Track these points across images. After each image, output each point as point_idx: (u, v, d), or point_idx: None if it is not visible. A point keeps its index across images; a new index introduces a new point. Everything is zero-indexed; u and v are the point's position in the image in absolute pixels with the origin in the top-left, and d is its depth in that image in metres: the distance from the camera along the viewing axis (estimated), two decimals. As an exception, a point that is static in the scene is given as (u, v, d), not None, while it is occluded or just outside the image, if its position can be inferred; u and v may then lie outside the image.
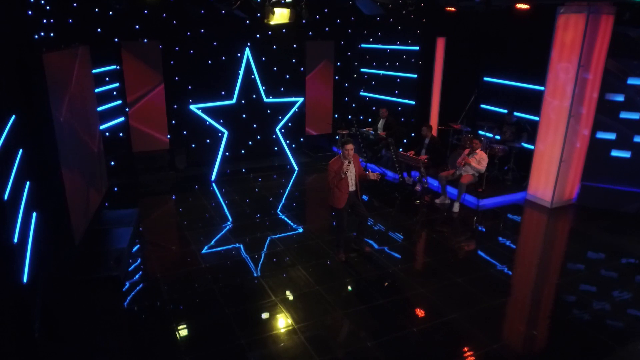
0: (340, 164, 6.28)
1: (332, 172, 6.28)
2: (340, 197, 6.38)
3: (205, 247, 7.08)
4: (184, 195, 9.31)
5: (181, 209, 8.63)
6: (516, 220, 8.50)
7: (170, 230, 7.68)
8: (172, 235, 7.47)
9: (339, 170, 6.25)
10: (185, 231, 7.58)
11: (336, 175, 6.25)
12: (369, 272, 6.43)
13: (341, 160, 6.31)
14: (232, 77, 10.48)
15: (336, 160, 6.35)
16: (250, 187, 9.78)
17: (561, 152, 8.51)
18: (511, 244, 7.52)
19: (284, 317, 5.42)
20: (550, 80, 8.50)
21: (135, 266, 6.54)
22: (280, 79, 11.35)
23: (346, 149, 6.26)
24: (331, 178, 6.28)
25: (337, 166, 6.28)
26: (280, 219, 8.14)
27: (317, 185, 10.18)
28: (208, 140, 10.82)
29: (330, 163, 6.36)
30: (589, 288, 6.10)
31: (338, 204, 6.42)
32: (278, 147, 11.42)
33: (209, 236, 7.46)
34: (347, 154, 6.25)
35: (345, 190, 6.35)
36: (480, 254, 7.07)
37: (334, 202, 6.44)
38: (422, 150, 9.69)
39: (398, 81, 11.54)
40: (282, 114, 10.96)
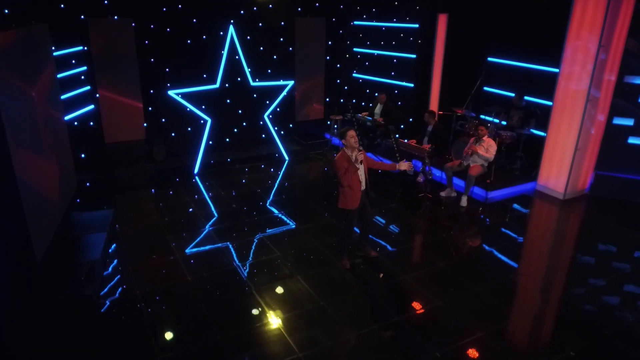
0: (347, 158, 5.49)
1: (342, 169, 5.47)
2: (353, 197, 5.59)
3: (190, 254, 6.25)
4: (164, 191, 8.41)
5: (162, 207, 7.75)
6: (529, 215, 7.86)
7: (150, 234, 6.81)
8: (152, 240, 6.61)
9: (350, 165, 5.45)
10: (167, 235, 6.72)
11: (347, 172, 5.45)
12: (378, 282, 5.70)
13: (347, 154, 5.51)
14: (214, 58, 9.49)
15: (341, 155, 5.54)
16: (237, 180, 8.92)
17: (577, 140, 7.85)
18: (528, 243, 6.89)
19: (286, 343, 4.66)
20: (566, 61, 7.77)
21: (110, 282, 5.69)
22: (267, 60, 10.39)
23: (349, 136, 5.45)
24: (342, 175, 5.47)
25: (347, 162, 5.48)
26: (273, 218, 7.33)
27: (310, 176, 9.38)
28: (189, 129, 9.87)
29: (337, 160, 5.54)
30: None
31: (351, 205, 5.64)
32: (266, 135, 10.54)
33: (194, 241, 6.62)
34: (353, 143, 5.45)
35: (358, 188, 5.57)
36: (497, 255, 6.40)
37: (346, 203, 5.65)
38: (424, 139, 8.94)
39: (395, 62, 10.70)
40: (270, 99, 10.04)
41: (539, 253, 6.62)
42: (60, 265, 5.65)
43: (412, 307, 5.21)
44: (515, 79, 9.27)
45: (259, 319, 5.01)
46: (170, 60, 9.38)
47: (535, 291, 5.63)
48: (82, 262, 5.66)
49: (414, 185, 8.62)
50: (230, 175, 9.15)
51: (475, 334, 4.79)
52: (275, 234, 6.80)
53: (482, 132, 7.83)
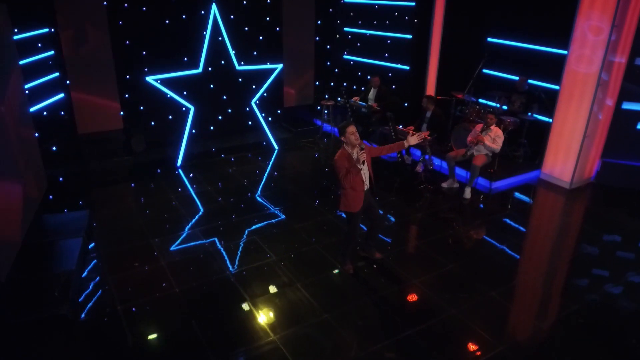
0: (348, 157, 4.94)
1: (342, 169, 4.91)
2: (356, 198, 5.06)
3: (176, 260, 5.67)
4: (145, 187, 7.75)
5: (143, 205, 7.11)
6: (537, 207, 7.46)
7: (131, 237, 6.19)
8: (133, 244, 6.01)
9: (351, 165, 4.91)
10: (150, 238, 6.12)
11: (349, 173, 4.91)
12: (385, 289, 5.23)
13: (347, 152, 4.96)
14: (195, 40, 8.74)
15: (341, 154, 4.98)
16: (224, 173, 8.29)
17: (585, 126, 7.43)
18: (541, 239, 6.49)
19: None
20: (575, 43, 7.28)
21: (88, 296, 5.10)
22: (252, 41, 9.67)
23: (349, 132, 4.88)
24: (342, 176, 4.93)
25: (348, 161, 4.93)
26: (265, 216, 6.77)
27: (303, 167, 8.80)
28: (170, 117, 9.16)
29: (336, 159, 4.97)
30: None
31: (354, 207, 5.10)
32: (253, 122, 9.89)
33: (180, 244, 6.04)
34: (354, 140, 4.89)
35: (360, 189, 5.03)
36: (509, 253, 5.98)
37: (348, 205, 5.11)
38: (422, 125, 8.42)
39: (388, 42, 10.07)
40: (257, 84, 9.36)
41: (553, 251, 6.22)
42: (30, 279, 5.01)
43: (425, 318, 4.76)
44: (517, 61, 8.77)
45: (257, 337, 4.49)
46: (147, 43, 8.61)
47: (556, 295, 5.24)
48: (55, 275, 5.03)
49: (412, 175, 8.14)
50: (216, 167, 8.52)
51: (496, 348, 4.37)
52: (268, 234, 6.25)
53: (490, 121, 7.33)
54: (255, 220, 6.64)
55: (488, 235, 6.47)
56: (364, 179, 5.04)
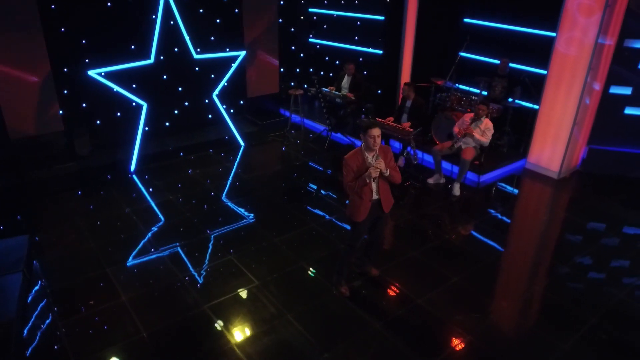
0: (361, 160, 4.22)
1: (350, 171, 4.21)
2: (360, 207, 4.35)
3: (141, 295, 4.79)
4: (95, 199, 6.70)
5: (94, 223, 6.10)
6: (530, 201, 7.04)
7: (83, 266, 5.23)
8: (87, 275, 5.05)
9: (362, 169, 4.20)
10: (106, 265, 5.18)
11: (357, 180, 4.21)
12: (388, 313, 4.58)
13: (362, 155, 4.24)
14: (144, 25, 7.66)
15: (355, 154, 4.26)
16: (185, 176, 7.35)
17: (575, 113, 7.03)
18: (544, 238, 6.04)
19: None
20: (564, 23, 6.80)
21: (36, 351, 4.16)
22: (209, 24, 8.63)
23: (370, 135, 4.14)
24: (348, 181, 4.22)
25: (358, 163, 4.22)
26: (240, 230, 5.95)
27: (276, 166, 7.96)
28: (118, 114, 8.06)
29: (347, 158, 4.24)
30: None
31: (357, 216, 4.40)
32: (214, 115, 8.95)
33: (143, 271, 5.15)
34: (372, 144, 4.17)
35: (367, 197, 4.31)
36: (514, 258, 5.49)
37: (352, 212, 4.43)
38: (402, 116, 7.78)
39: (359, 24, 9.32)
40: (216, 73, 8.39)
41: (560, 251, 5.78)
42: (-46, 337, 4.02)
43: (440, 348, 4.17)
44: (499, 44, 8.26)
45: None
46: (86, 30, 7.42)
47: (578, 316, 4.79)
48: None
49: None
50: (176, 170, 7.55)
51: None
52: (246, 252, 5.45)
53: (482, 112, 6.76)
54: (229, 235, 5.81)
55: (488, 237, 5.94)
56: (372, 189, 4.34)
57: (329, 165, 7.86)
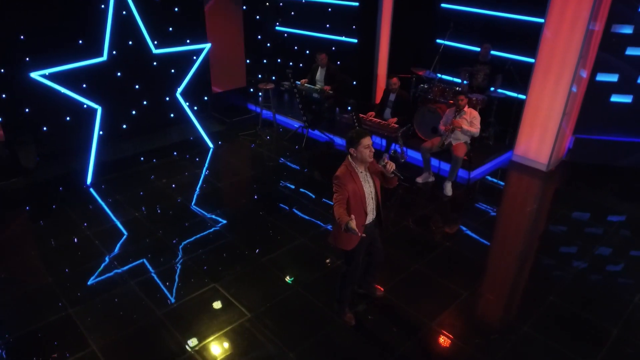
0: (354, 177, 3.66)
1: (344, 192, 3.59)
2: (351, 235, 3.76)
3: (114, 341, 4.08)
4: (46, 220, 5.82)
5: (48, 251, 5.27)
6: (527, 196, 6.69)
7: (41, 307, 4.45)
8: (46, 319, 4.28)
9: (357, 189, 3.65)
10: (69, 306, 4.42)
11: (350, 202, 3.62)
12: (401, 342, 4.10)
13: (353, 169, 3.67)
14: (92, 16, 6.72)
15: (345, 171, 3.67)
16: (151, 187, 6.56)
17: (565, 102, 6.75)
18: (557, 237, 5.73)
19: None
20: (554, 8, 6.45)
21: None
22: (166, 13, 7.75)
23: (363, 145, 3.57)
24: (340, 202, 3.57)
25: (352, 181, 3.64)
26: (221, 249, 5.29)
27: (252, 171, 7.26)
28: (68, 118, 7.11)
29: (339, 176, 3.63)
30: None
31: (347, 244, 3.83)
32: (176, 114, 8.12)
33: (110, 309, 4.42)
34: (367, 156, 3.61)
35: (360, 221, 3.67)
36: (524, 265, 5.14)
37: (340, 240, 3.83)
38: (385, 110, 7.27)
39: (330, 11, 8.67)
40: (177, 68, 7.56)
41: (572, 253, 5.48)
42: None
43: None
44: (481, 31, 7.86)
45: None
46: (24, 23, 6.41)
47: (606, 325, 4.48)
48: None
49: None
50: (138, 180, 6.74)
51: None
52: (231, 278, 4.82)
53: (462, 102, 6.35)
54: (209, 257, 5.14)
55: (490, 240, 5.57)
56: (365, 207, 3.77)
57: (309, 166, 7.27)
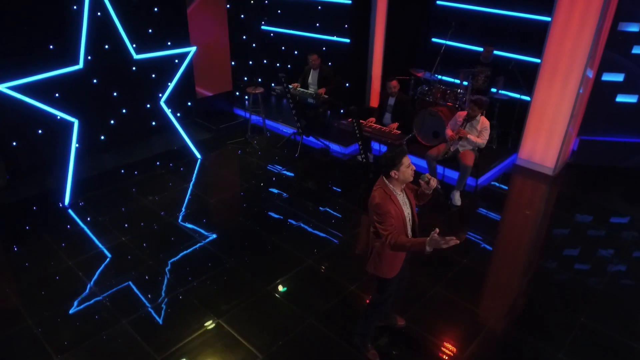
0: (393, 200, 3.26)
1: (389, 219, 3.18)
2: (395, 259, 3.43)
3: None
4: (21, 249, 5.20)
5: (26, 285, 4.68)
6: (537, 203, 6.36)
7: (18, 356, 3.89)
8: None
9: (399, 213, 3.26)
10: (53, 355, 3.87)
11: (396, 226, 3.22)
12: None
13: (390, 192, 3.27)
14: (64, 18, 6.08)
15: (384, 195, 3.26)
16: (136, 207, 5.98)
17: (573, 104, 6.48)
18: (581, 250, 5.43)
19: None
20: (561, 6, 6.14)
21: None
22: (145, 14, 7.13)
23: (405, 165, 3.20)
24: (389, 231, 3.16)
25: (394, 205, 3.25)
26: (221, 275, 4.79)
27: (243, 183, 6.72)
28: (40, 131, 6.45)
29: (380, 203, 3.20)
30: None
31: (390, 271, 3.47)
32: (158, 122, 7.55)
33: (102, 357, 3.89)
34: (409, 175, 3.24)
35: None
36: (553, 284, 4.82)
37: (382, 269, 3.45)
38: (384, 115, 6.87)
39: (320, 9, 8.19)
40: (158, 72, 7.00)
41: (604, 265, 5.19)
42: None
43: None
44: (478, 30, 7.52)
45: None
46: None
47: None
48: None
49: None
50: (122, 198, 6.15)
51: None
52: (236, 313, 4.33)
53: (473, 112, 5.98)
54: (209, 289, 4.63)
55: (507, 255, 5.25)
56: (407, 233, 3.38)
57: (306, 177, 6.81)
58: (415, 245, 3.11)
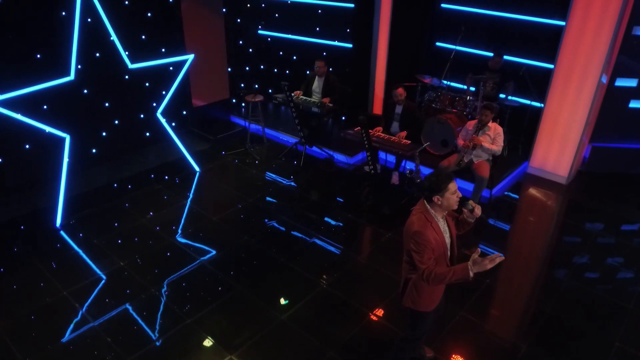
0: (434, 227, 2.96)
1: (429, 250, 2.88)
2: (434, 292, 3.16)
3: None
4: (9, 276, 4.78)
5: (14, 319, 4.29)
6: (555, 214, 6.10)
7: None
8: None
9: (440, 243, 2.96)
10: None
11: (435, 258, 2.93)
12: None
13: (432, 219, 2.96)
14: (52, 25, 5.67)
15: (422, 219, 2.95)
16: (134, 227, 5.58)
17: (589, 111, 6.26)
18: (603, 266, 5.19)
19: None
20: (577, 11, 5.91)
21: None
22: (138, 19, 6.74)
23: (450, 191, 2.90)
24: (429, 265, 2.87)
25: (434, 232, 2.94)
26: (231, 306, 4.44)
27: (246, 197, 6.31)
28: (27, 146, 6.02)
29: (420, 231, 2.89)
30: None
31: (430, 304, 3.18)
32: (152, 133, 7.16)
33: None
34: (454, 202, 2.95)
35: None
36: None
37: (419, 302, 3.16)
38: (392, 124, 6.58)
39: (320, 12, 7.87)
40: (152, 80, 6.61)
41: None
42: None
43: None
44: (484, 34, 7.29)
45: None
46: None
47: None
48: None
49: (392, 189, 6.35)
50: (117, 216, 5.76)
51: None
52: (252, 345, 3.99)
53: (486, 118, 5.73)
54: (218, 317, 4.28)
55: (530, 272, 4.99)
56: (448, 262, 3.10)
57: (312, 189, 6.49)
58: (457, 273, 2.83)
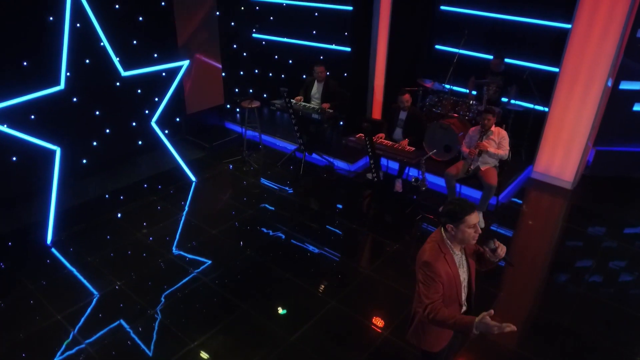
0: (449, 259, 2.71)
1: (438, 284, 2.63)
2: (443, 332, 2.87)
3: None
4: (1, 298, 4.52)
5: (4, 350, 4.00)
6: (564, 222, 5.96)
7: None
8: None
9: (452, 277, 2.71)
10: None
11: (442, 295, 2.67)
12: None
13: (447, 251, 2.72)
14: (39, 32, 5.38)
15: (435, 249, 2.70)
16: (128, 241, 5.31)
17: (595, 115, 6.15)
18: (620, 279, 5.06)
19: None
20: (583, 13, 5.79)
21: None
22: (129, 24, 6.46)
23: (471, 226, 2.64)
24: (440, 305, 2.61)
25: (447, 265, 2.69)
26: (237, 327, 4.21)
27: (245, 208, 6.06)
28: (14, 158, 5.71)
29: (430, 261, 2.64)
30: None
31: (436, 344, 2.92)
32: (145, 141, 6.89)
33: None
34: (472, 237, 2.68)
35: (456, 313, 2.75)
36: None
37: (425, 340, 2.91)
38: (395, 131, 6.40)
39: (316, 15, 7.65)
40: (144, 87, 6.35)
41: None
42: None
43: None
44: (486, 36, 7.15)
45: None
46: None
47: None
48: None
49: (396, 197, 6.17)
50: (111, 231, 5.48)
51: None
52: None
53: (488, 122, 5.58)
54: (225, 339, 4.05)
55: (552, 286, 4.84)
56: (461, 301, 2.86)
57: (314, 198, 6.28)
58: (460, 324, 2.49)
